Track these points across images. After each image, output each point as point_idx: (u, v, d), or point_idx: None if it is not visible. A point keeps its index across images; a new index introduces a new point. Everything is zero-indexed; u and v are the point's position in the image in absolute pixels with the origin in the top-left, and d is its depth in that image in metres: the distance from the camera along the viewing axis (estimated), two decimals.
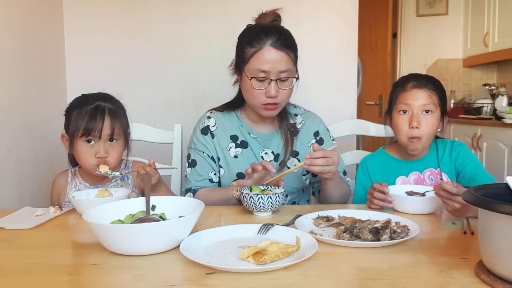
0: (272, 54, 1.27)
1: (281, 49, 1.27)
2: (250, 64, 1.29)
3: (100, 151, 1.30)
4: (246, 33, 1.35)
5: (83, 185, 1.41)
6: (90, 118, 1.29)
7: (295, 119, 1.48)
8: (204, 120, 1.47)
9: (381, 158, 1.47)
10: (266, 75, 1.28)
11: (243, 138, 1.44)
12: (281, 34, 1.29)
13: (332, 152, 1.19)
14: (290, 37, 1.34)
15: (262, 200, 1.14)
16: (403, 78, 1.42)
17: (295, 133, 1.46)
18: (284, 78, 1.30)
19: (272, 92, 1.28)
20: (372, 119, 1.91)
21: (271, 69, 1.27)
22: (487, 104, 3.79)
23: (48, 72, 2.03)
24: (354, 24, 2.21)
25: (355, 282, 0.73)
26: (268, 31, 1.28)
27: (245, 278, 0.73)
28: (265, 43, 1.27)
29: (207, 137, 1.44)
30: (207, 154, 1.43)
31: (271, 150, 1.44)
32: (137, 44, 2.20)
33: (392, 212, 1.16)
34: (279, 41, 1.27)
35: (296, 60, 1.35)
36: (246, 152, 1.43)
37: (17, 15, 1.77)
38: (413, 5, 4.45)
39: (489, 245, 0.69)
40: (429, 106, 1.33)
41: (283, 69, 1.28)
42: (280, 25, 1.37)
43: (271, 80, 1.28)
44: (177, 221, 0.91)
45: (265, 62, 1.27)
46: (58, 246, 0.95)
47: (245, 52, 1.30)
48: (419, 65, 4.44)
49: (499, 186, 0.76)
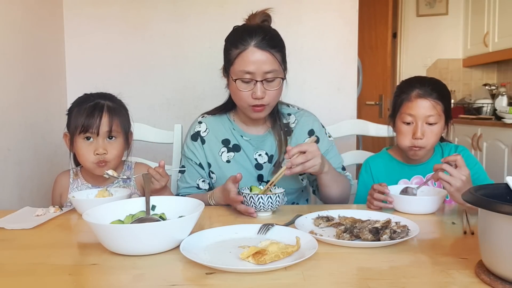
0: (257, 55, 1.25)
1: (266, 49, 1.25)
2: (235, 66, 1.27)
3: (98, 148, 1.30)
4: (232, 35, 1.33)
5: (85, 185, 1.41)
6: (88, 115, 1.29)
7: (288, 119, 1.46)
8: (195, 125, 1.47)
9: (385, 159, 1.47)
10: (252, 77, 1.26)
11: (236, 141, 1.43)
12: (265, 34, 1.27)
13: (308, 145, 1.17)
14: (275, 37, 1.31)
15: (262, 200, 1.14)
16: (407, 82, 1.39)
17: (289, 132, 1.44)
18: (270, 79, 1.27)
19: (258, 93, 1.26)
20: (372, 119, 1.91)
21: (256, 70, 1.25)
22: (487, 104, 3.79)
23: (48, 72, 2.03)
24: (354, 24, 2.21)
25: (355, 282, 0.73)
26: (252, 32, 1.26)
27: (245, 278, 0.74)
28: (249, 44, 1.25)
29: (197, 143, 1.44)
30: (194, 162, 1.43)
31: (265, 151, 1.42)
32: (137, 44, 2.20)
33: (392, 212, 1.16)
34: (264, 41, 1.25)
35: (283, 60, 1.32)
36: (239, 155, 1.42)
37: (17, 15, 1.77)
38: (413, 5, 4.45)
39: (489, 245, 0.69)
40: (433, 118, 1.32)
41: (268, 69, 1.26)
42: (267, 25, 1.35)
43: (256, 81, 1.26)
44: (177, 221, 0.91)
45: (249, 63, 1.25)
46: (58, 246, 0.95)
47: (230, 54, 1.29)
48: (419, 65, 4.44)
49: (499, 186, 0.76)
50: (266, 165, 1.42)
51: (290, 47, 1.30)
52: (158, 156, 1.65)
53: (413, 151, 1.35)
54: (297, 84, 2.18)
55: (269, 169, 1.42)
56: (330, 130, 1.82)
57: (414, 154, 1.36)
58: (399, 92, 1.39)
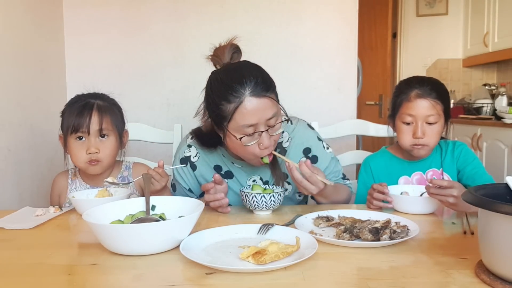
0: (255, 105, 1.12)
1: (262, 95, 1.13)
2: (234, 122, 1.14)
3: (90, 147, 1.31)
4: (217, 87, 1.17)
5: (84, 186, 1.41)
6: (78, 114, 1.30)
7: (281, 137, 1.35)
8: (184, 149, 1.37)
9: (384, 157, 1.47)
10: (255, 128, 1.14)
11: (227, 168, 1.36)
12: (256, 77, 1.14)
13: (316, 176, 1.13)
14: (265, 75, 1.18)
15: (265, 199, 1.15)
16: (406, 82, 1.39)
17: (283, 153, 1.34)
18: (273, 124, 1.17)
19: (266, 143, 1.16)
20: (372, 119, 1.91)
21: (258, 120, 1.13)
22: (487, 104, 3.79)
23: (48, 72, 2.03)
24: (354, 24, 2.21)
25: (355, 282, 0.73)
26: (242, 80, 1.12)
27: (245, 278, 0.74)
28: (244, 94, 1.11)
29: (186, 169, 1.36)
30: (183, 187, 1.38)
31: (259, 176, 1.36)
32: (137, 44, 2.20)
33: (392, 212, 1.16)
34: (258, 87, 1.13)
35: (277, 98, 1.20)
36: (232, 182, 1.35)
37: (17, 15, 1.77)
38: (413, 5, 4.45)
39: (489, 245, 0.69)
40: (433, 117, 1.32)
41: (270, 116, 1.14)
42: (249, 64, 1.20)
43: (261, 132, 1.15)
44: (177, 221, 0.91)
45: (250, 115, 1.12)
46: (58, 246, 0.95)
47: (223, 110, 1.14)
48: (419, 65, 4.44)
49: (499, 186, 0.76)
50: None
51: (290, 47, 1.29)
52: (157, 156, 1.65)
53: (416, 150, 1.35)
54: (297, 84, 2.18)
55: None
56: (330, 130, 1.83)
57: (418, 153, 1.36)
58: (398, 92, 1.39)
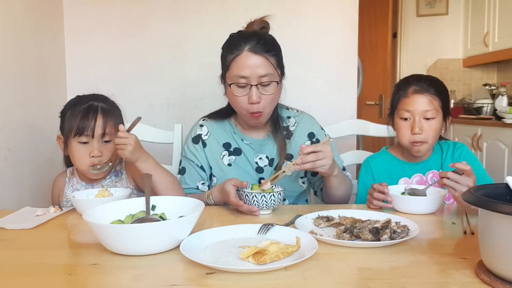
0: (251, 59, 1.26)
1: (260, 53, 1.26)
2: (231, 71, 1.28)
3: (94, 150, 1.31)
4: (227, 42, 1.34)
5: (80, 184, 1.41)
6: (83, 117, 1.29)
7: (288, 122, 1.47)
8: (196, 128, 1.48)
9: (385, 158, 1.47)
10: (247, 81, 1.27)
11: (236, 145, 1.44)
12: (260, 39, 1.28)
13: (322, 146, 1.18)
14: (271, 41, 1.32)
15: (265, 198, 1.16)
16: (404, 80, 1.41)
17: (289, 136, 1.45)
18: (265, 83, 1.27)
19: (254, 98, 1.27)
20: (372, 119, 1.91)
21: (250, 74, 1.26)
22: (487, 104, 3.79)
23: (48, 72, 2.02)
24: (354, 24, 2.21)
25: (355, 282, 0.73)
26: (246, 37, 1.28)
27: (245, 278, 0.74)
28: (243, 48, 1.26)
29: (198, 146, 1.45)
30: (196, 164, 1.44)
31: (265, 155, 1.43)
32: (137, 44, 2.20)
33: (392, 212, 1.16)
34: (258, 46, 1.26)
35: (278, 64, 1.32)
36: (240, 159, 1.43)
37: (17, 15, 1.77)
38: (413, 5, 4.45)
39: (489, 245, 0.69)
40: (430, 113, 1.32)
41: (263, 73, 1.26)
42: (262, 31, 1.35)
43: (251, 86, 1.27)
44: (177, 221, 0.91)
45: (244, 67, 1.26)
46: (58, 246, 0.95)
47: (226, 60, 1.31)
48: (419, 65, 4.45)
49: (499, 186, 0.76)
50: (267, 168, 1.43)
51: (290, 47, 1.30)
52: (157, 157, 1.64)
53: (416, 147, 1.35)
54: (297, 84, 2.18)
55: (270, 172, 1.42)
56: (330, 130, 1.82)
57: (417, 150, 1.36)
58: (397, 89, 1.40)
